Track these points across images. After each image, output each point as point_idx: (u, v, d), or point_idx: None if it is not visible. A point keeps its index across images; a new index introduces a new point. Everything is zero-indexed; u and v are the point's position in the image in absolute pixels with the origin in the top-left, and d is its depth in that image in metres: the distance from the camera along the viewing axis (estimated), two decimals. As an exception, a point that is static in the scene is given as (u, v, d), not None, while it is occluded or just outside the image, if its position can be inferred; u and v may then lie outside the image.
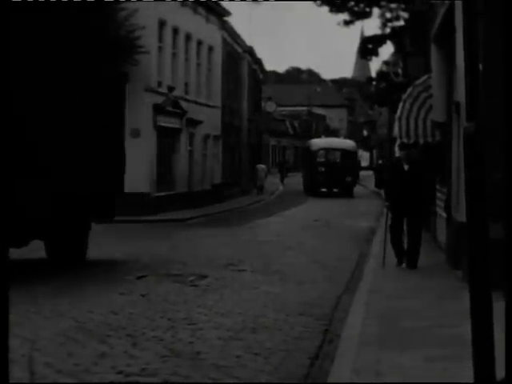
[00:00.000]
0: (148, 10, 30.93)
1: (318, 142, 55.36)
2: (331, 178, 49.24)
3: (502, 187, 4.49)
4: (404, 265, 14.65)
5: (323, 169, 49.76)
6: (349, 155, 51.16)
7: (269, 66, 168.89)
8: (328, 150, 51.43)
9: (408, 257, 14.61)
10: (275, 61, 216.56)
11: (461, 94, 12.25)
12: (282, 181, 61.73)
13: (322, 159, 50.63)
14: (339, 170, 49.31)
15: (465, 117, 4.38)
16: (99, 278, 14.20)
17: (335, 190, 50.16)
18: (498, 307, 5.36)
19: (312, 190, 50.37)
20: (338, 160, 50.52)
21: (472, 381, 4.40)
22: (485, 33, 10.71)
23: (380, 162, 66.16)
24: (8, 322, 3.84)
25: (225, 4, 41.68)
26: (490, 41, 10.72)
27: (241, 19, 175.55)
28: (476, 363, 4.37)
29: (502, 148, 4.42)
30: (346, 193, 49.25)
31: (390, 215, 15.09)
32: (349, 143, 55.84)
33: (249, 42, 51.52)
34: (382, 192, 18.41)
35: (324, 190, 50.33)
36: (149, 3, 31.02)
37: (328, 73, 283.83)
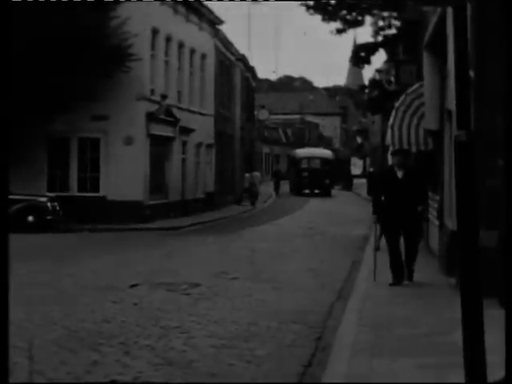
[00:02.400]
0: (141, 18, 30.94)
1: (302, 152, 65.56)
2: (313, 181, 60.13)
3: (498, 194, 4.51)
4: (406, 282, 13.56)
5: (306, 174, 60.49)
6: (327, 162, 62.16)
7: (261, 74, 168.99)
8: (310, 159, 62.27)
9: (407, 269, 13.60)
10: (268, 69, 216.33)
11: (452, 102, 12.27)
12: (276, 191, 61.73)
13: (305, 166, 61.27)
14: (319, 175, 59.99)
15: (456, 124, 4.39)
16: (92, 286, 14.16)
17: (316, 191, 59.98)
18: (491, 314, 5.37)
19: (297, 191, 60.20)
20: (318, 166, 61.09)
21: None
22: (475, 40, 10.75)
23: (371, 169, 68.16)
24: (8, 322, 3.82)
25: (218, 12, 41.81)
26: (482, 48, 10.76)
27: (234, 27, 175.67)
28: (467, 370, 4.38)
29: (502, 155, 4.43)
30: (325, 193, 59.29)
31: (378, 228, 14.49)
32: (327, 152, 66.80)
33: (243, 50, 51.74)
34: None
35: (307, 191, 59.85)
36: (142, 11, 31.03)
37: (321, 81, 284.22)
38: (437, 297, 12.07)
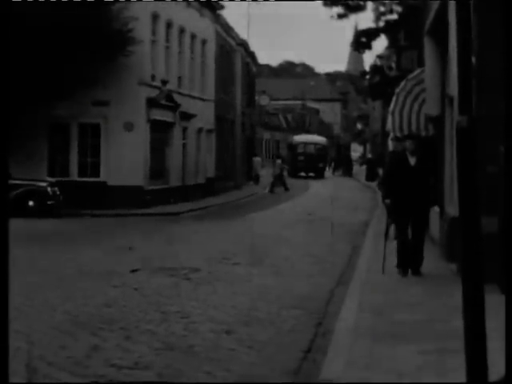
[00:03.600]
0: (141, 3, 30.84)
1: (298, 138, 72.32)
2: (308, 165, 66.96)
3: (497, 180, 4.50)
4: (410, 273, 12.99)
5: (302, 158, 67.16)
6: (321, 148, 69.32)
7: (262, 59, 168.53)
8: (306, 144, 68.78)
9: (413, 262, 12.98)
10: (269, 55, 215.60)
11: (454, 88, 12.24)
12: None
13: (302, 151, 67.73)
14: (314, 159, 66.93)
15: (457, 110, 4.39)
16: (92, 270, 14.18)
17: (311, 174, 66.71)
18: (492, 300, 5.38)
19: (294, 173, 65.08)
20: (313, 152, 67.70)
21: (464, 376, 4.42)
22: (478, 26, 10.72)
23: (369, 156, 69.74)
24: (8, 321, 3.82)
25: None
26: (484, 34, 10.73)
27: (234, 12, 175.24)
28: (468, 354, 4.38)
29: (501, 141, 4.42)
30: (319, 176, 66.11)
31: (388, 217, 13.69)
32: (321, 139, 73.39)
33: (243, 35, 51.72)
34: (374, 185, 18.12)
35: (303, 174, 66.66)
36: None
37: (322, 66, 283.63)
38: (437, 283, 12.07)
